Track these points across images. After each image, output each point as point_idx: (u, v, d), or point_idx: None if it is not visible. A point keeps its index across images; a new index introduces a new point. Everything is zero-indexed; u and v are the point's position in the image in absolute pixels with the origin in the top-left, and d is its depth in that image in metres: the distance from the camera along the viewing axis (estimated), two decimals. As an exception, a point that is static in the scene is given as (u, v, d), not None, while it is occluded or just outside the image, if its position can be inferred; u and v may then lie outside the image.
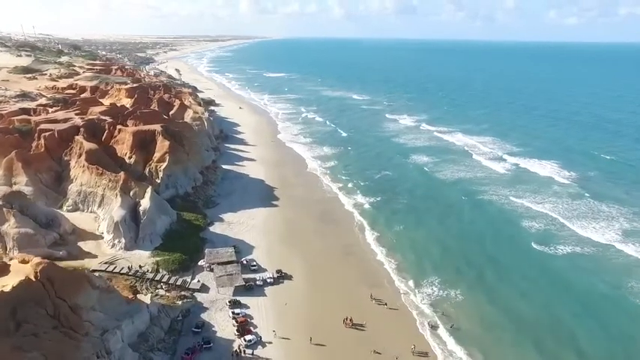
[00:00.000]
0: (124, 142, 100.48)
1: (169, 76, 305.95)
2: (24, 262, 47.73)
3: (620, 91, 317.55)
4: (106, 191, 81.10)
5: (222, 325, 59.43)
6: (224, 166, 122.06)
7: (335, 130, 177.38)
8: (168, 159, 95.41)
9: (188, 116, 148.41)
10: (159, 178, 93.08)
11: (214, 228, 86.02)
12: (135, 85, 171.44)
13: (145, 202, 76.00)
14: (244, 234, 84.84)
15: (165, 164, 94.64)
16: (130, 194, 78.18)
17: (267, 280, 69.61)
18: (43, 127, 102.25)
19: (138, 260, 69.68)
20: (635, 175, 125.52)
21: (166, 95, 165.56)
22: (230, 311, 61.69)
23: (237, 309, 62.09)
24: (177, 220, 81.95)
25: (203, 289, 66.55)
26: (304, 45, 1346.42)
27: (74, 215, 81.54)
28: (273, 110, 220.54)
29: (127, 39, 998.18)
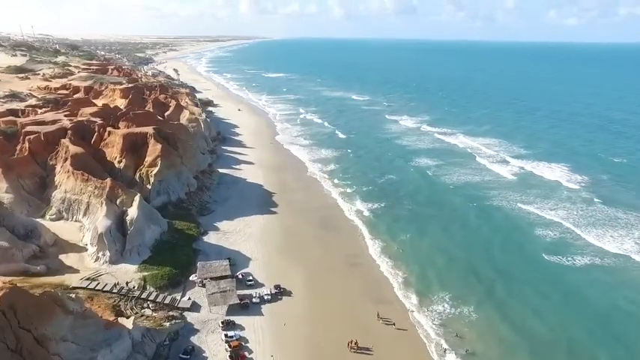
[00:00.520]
0: (113, 145, 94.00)
1: (167, 77, 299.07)
2: (-15, 286, 41.32)
3: (622, 92, 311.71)
4: (92, 199, 74.56)
5: (214, 350, 53.09)
6: (221, 170, 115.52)
7: (335, 132, 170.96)
8: (160, 163, 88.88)
9: (184, 117, 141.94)
10: (150, 183, 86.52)
11: (208, 238, 79.55)
12: (130, 86, 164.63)
13: (133, 211, 69.49)
14: (240, 244, 78.41)
15: (157, 169, 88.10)
16: (117, 202, 71.64)
17: (265, 297, 63.25)
18: (28, 129, 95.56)
19: (123, 275, 63.19)
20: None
21: (162, 96, 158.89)
22: (223, 333, 55.35)
23: (230, 331, 55.72)
24: (168, 230, 75.47)
25: (194, 307, 60.14)
26: (304, 45, 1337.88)
27: (57, 225, 75.01)
28: (271, 111, 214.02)
29: (127, 39, 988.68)
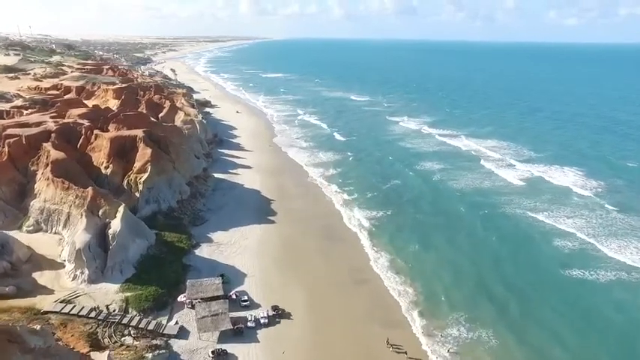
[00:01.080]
0: (100, 149, 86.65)
1: (165, 77, 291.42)
2: None
3: (624, 92, 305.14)
4: (73, 209, 67.26)
5: (203, 387, 46.09)
6: (216, 175, 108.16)
7: (335, 134, 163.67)
8: (149, 169, 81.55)
9: (179, 119, 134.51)
10: (138, 191, 79.23)
11: (201, 251, 72.33)
12: (123, 86, 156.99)
13: (116, 224, 62.24)
14: (235, 258, 71.26)
15: (147, 175, 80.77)
16: (99, 214, 64.40)
17: (261, 321, 56.15)
18: (9, 132, 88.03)
19: (103, 297, 55.99)
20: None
21: (157, 96, 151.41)
22: (213, 366, 48.34)
23: (222, 363, 48.71)
24: (155, 244, 68.22)
25: (181, 333, 52.97)
26: (304, 45, 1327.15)
27: (35, 237, 67.76)
28: (270, 112, 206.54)
29: (127, 40, 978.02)
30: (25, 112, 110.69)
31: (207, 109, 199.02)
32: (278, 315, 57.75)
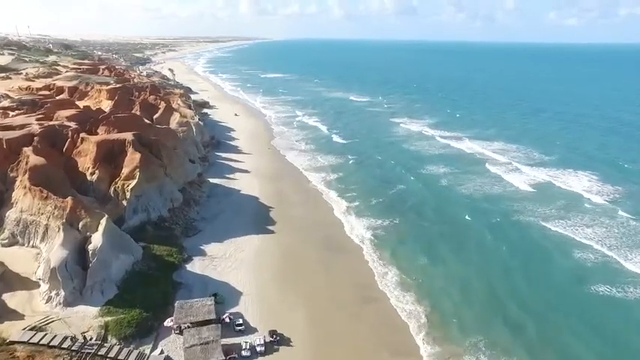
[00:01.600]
0: (87, 154, 79.83)
1: (163, 77, 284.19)
2: None
3: (626, 93, 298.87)
4: (51, 221, 60.49)
5: None
6: (212, 180, 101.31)
7: (335, 136, 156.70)
8: (138, 176, 74.72)
9: (174, 121, 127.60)
10: (126, 199, 72.45)
11: (192, 266, 65.64)
12: (117, 86, 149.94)
13: (97, 238, 55.51)
14: (230, 273, 64.57)
15: (135, 182, 73.95)
16: (79, 227, 57.66)
17: (257, 349, 49.54)
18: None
19: (80, 322, 49.25)
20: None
21: (152, 97, 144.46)
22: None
23: (211, 403, 42.12)
24: (143, 258, 61.52)
25: (167, 366, 46.43)
26: (304, 46, 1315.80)
27: (10, 252, 61.06)
28: (269, 113, 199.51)
29: (127, 40, 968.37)
30: (11, 114, 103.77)
31: (206, 110, 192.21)
32: (276, 341, 51.17)
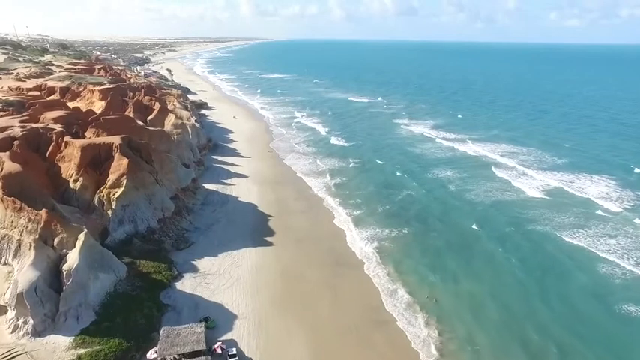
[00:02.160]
0: (70, 159, 73.15)
1: (161, 77, 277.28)
2: None
3: (629, 93, 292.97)
4: (24, 236, 53.76)
5: None
6: (207, 186, 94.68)
7: (335, 138, 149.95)
8: (125, 184, 68.07)
9: (169, 123, 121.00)
10: (111, 209, 65.80)
11: (183, 284, 58.97)
12: (111, 86, 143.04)
13: (73, 257, 48.83)
14: (224, 293, 57.92)
15: (121, 191, 67.30)
16: (54, 243, 51.00)
17: (252, 385, 43.11)
18: (-34, 139, 74.47)
19: (49, 356, 42.59)
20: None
21: (146, 98, 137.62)
22: None
23: None
24: (127, 277, 54.85)
25: (148, 409, 39.85)
26: (304, 46, 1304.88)
27: (-21, 270, 54.36)
28: (268, 114, 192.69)
29: (127, 41, 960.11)
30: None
31: (203, 111, 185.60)
32: (274, 376, 44.71)
